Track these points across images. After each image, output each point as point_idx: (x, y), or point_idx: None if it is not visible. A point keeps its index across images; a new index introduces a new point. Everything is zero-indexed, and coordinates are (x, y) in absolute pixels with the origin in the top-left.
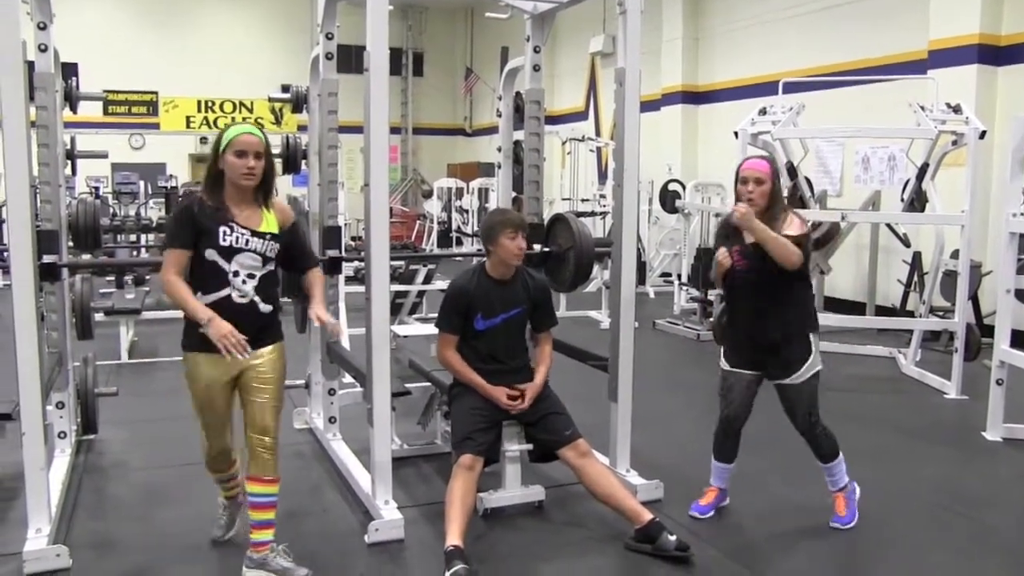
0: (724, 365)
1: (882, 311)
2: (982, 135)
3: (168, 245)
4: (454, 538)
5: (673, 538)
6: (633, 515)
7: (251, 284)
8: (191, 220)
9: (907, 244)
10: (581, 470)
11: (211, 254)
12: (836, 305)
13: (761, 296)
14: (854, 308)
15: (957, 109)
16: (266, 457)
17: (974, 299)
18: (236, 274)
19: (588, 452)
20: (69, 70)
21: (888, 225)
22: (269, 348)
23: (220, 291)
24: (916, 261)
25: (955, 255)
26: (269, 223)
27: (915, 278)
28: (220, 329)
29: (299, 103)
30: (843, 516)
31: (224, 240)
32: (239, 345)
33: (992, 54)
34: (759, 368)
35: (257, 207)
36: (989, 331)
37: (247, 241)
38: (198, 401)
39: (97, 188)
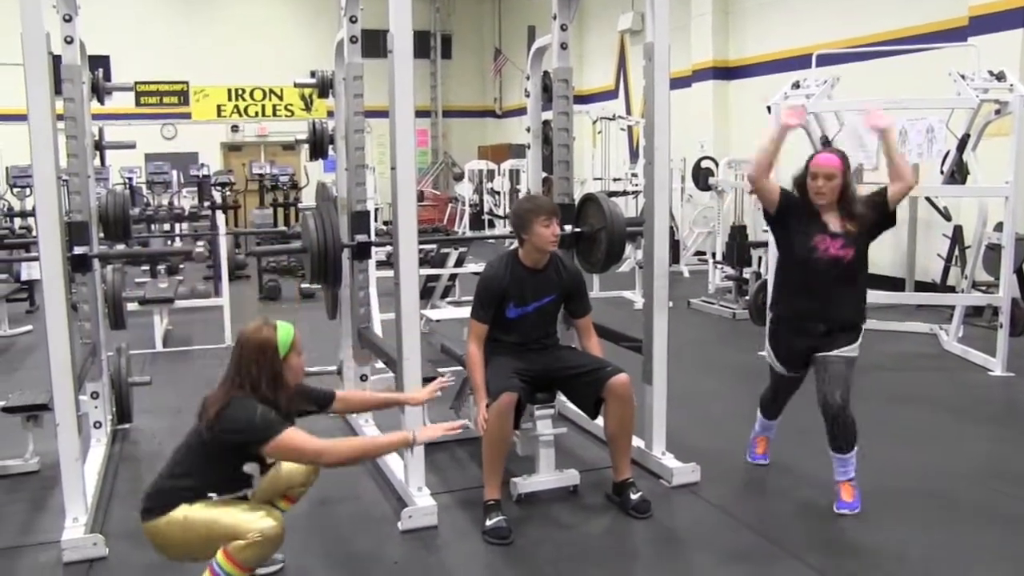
0: (778, 368)
1: (922, 287)
2: None
3: (278, 431)
4: (493, 492)
5: (635, 497)
6: (621, 469)
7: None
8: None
9: (948, 218)
10: (616, 407)
11: (251, 467)
12: (875, 281)
13: (842, 280)
14: (893, 284)
15: (1000, 76)
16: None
17: (1019, 273)
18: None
19: (631, 394)
20: (97, 62)
21: (928, 199)
22: None
23: (238, 492)
24: (957, 235)
25: (999, 228)
26: None
27: (956, 252)
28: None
29: (325, 88)
30: (851, 502)
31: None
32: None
33: None
34: (811, 354)
35: None
36: None
37: None
38: (220, 522)
39: (130, 178)
